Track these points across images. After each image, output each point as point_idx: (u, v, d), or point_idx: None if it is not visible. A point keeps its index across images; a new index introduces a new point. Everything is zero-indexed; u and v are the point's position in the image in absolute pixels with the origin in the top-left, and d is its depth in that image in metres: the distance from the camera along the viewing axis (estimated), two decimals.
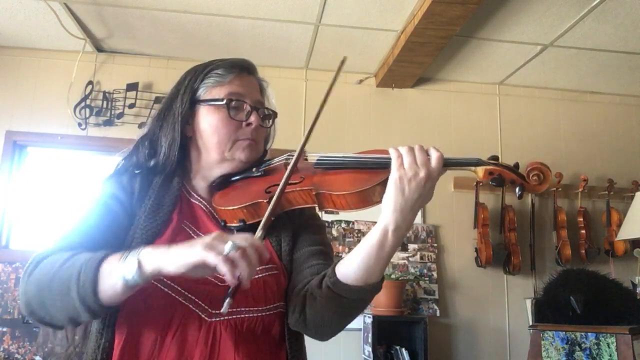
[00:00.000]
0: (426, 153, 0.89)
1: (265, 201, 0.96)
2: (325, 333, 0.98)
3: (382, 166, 0.93)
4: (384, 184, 0.89)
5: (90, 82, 3.29)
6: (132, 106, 3.27)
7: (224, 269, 0.75)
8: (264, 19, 2.89)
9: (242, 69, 1.11)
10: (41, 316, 0.85)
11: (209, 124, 1.05)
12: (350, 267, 0.90)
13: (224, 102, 1.05)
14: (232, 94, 1.06)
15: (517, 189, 0.91)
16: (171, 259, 0.78)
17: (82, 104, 3.25)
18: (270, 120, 1.14)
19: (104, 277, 0.80)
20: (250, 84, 1.11)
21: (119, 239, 0.96)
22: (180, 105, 1.07)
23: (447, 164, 0.90)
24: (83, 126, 3.23)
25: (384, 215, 0.87)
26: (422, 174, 0.86)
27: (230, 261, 0.75)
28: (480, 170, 0.91)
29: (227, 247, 0.76)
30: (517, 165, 0.93)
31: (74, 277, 0.80)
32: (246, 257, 0.77)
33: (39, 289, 0.84)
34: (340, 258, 0.93)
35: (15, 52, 3.33)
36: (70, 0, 2.77)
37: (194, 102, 1.08)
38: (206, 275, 0.83)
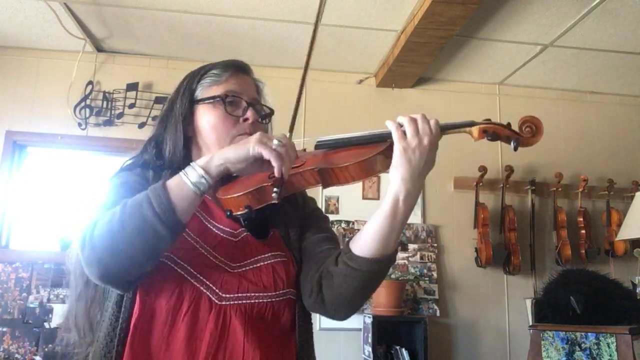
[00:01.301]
0: (427, 122, 0.94)
1: (269, 184, 0.97)
2: (343, 311, 1.00)
3: (381, 139, 0.96)
4: (384, 152, 0.93)
5: (90, 82, 3.28)
6: (132, 106, 3.27)
7: (276, 163, 0.86)
8: (264, 19, 2.89)
9: (237, 68, 1.14)
10: (117, 269, 0.86)
11: (207, 121, 1.08)
12: (365, 239, 0.92)
13: (220, 98, 1.08)
14: (228, 91, 1.09)
15: (512, 143, 0.94)
16: (232, 154, 0.88)
17: (82, 104, 3.24)
18: (268, 118, 1.17)
19: (175, 192, 0.86)
20: (246, 83, 1.13)
21: None
22: (180, 107, 1.10)
23: (444, 128, 0.94)
24: (83, 126, 3.23)
25: (393, 185, 0.91)
26: (425, 141, 0.91)
27: (279, 155, 0.87)
28: (475, 130, 0.94)
29: (275, 143, 0.88)
30: (509, 124, 0.96)
31: (145, 206, 0.84)
32: (289, 154, 0.89)
33: (111, 236, 0.84)
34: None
35: (15, 52, 3.33)
36: (70, 0, 2.77)
37: (192, 103, 1.11)
38: (254, 173, 0.94)
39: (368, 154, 0.92)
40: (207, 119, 1.08)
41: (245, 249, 1.01)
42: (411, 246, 3.32)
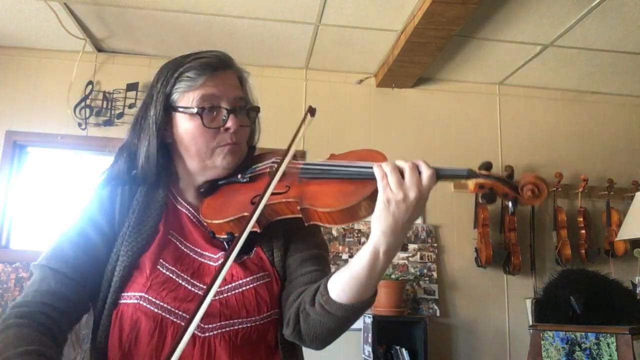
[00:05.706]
0: (417, 171, 0.83)
1: (250, 214, 0.92)
2: (320, 345, 0.97)
3: (369, 176, 0.87)
4: (370, 197, 0.85)
5: (90, 82, 3.29)
6: (132, 106, 3.27)
7: None
8: (264, 19, 2.89)
9: (215, 68, 1.02)
10: None
11: (186, 132, 1.00)
12: (342, 285, 0.88)
13: (197, 111, 0.98)
14: (205, 97, 0.99)
15: (510, 203, 0.86)
16: None
17: (82, 104, 3.25)
18: (253, 115, 1.08)
19: None
20: (225, 82, 1.03)
21: (97, 264, 0.95)
22: (154, 114, 1.00)
23: (437, 177, 0.84)
24: (83, 126, 3.23)
25: (373, 237, 0.84)
26: (412, 195, 0.81)
27: None
28: (471, 183, 0.86)
29: None
30: (511, 174, 0.87)
31: None
32: None
33: None
34: (337, 263, 0.93)
35: (15, 52, 3.33)
36: (70, 0, 2.77)
37: (168, 108, 1.01)
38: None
39: (353, 200, 0.86)
40: (185, 128, 1.00)
41: (226, 274, 0.95)
42: (411, 246, 3.32)
